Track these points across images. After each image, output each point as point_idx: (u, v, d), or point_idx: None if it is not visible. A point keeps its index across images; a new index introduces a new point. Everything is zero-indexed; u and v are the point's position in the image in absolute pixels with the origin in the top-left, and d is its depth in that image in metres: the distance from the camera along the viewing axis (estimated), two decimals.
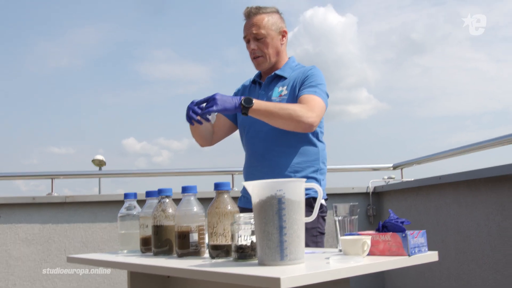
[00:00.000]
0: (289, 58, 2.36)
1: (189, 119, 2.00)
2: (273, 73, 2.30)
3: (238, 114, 2.37)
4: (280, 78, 2.28)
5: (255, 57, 2.28)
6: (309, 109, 2.04)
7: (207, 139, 2.38)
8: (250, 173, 2.27)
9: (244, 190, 2.35)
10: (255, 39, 2.25)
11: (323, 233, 2.19)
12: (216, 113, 2.10)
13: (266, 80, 2.32)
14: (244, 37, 2.29)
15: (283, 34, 2.31)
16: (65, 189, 4.08)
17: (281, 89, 2.23)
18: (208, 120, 2.00)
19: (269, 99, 2.23)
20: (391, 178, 4.44)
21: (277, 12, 2.32)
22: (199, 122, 2.00)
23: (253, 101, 1.99)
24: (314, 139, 2.22)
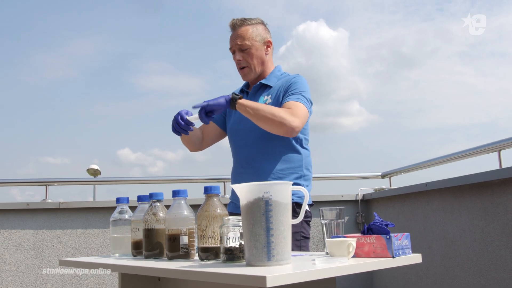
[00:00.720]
0: (275, 67, 2.41)
1: (175, 130, 2.08)
2: (258, 83, 2.35)
3: (227, 121, 2.42)
4: (266, 87, 2.33)
5: (240, 68, 2.33)
6: (292, 114, 2.09)
7: (196, 145, 2.43)
8: (236, 179, 2.32)
9: (233, 196, 2.39)
10: (240, 50, 2.30)
11: (307, 238, 2.22)
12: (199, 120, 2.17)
13: (252, 89, 2.37)
14: (230, 48, 2.35)
15: (268, 44, 2.36)
16: (59, 198, 4.08)
17: (266, 98, 2.28)
18: (191, 129, 2.08)
19: None
20: (381, 188, 4.48)
21: (262, 23, 2.37)
22: (186, 133, 2.08)
23: (242, 97, 2.08)
24: (298, 146, 2.26)
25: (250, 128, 2.21)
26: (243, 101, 2.08)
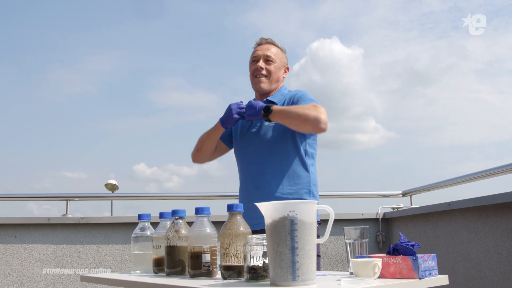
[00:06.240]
0: (281, 86, 2.52)
1: (234, 116, 2.27)
2: (265, 99, 2.44)
3: (234, 139, 2.50)
4: (272, 104, 2.38)
5: (260, 75, 2.42)
6: (316, 109, 2.19)
7: (209, 155, 2.51)
8: (243, 196, 2.38)
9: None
10: (265, 60, 2.43)
11: (318, 256, 2.24)
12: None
13: None
14: (255, 57, 2.45)
15: (286, 70, 2.53)
16: (77, 213, 4.11)
17: None
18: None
19: (261, 123, 2.37)
20: (399, 207, 4.43)
21: (285, 51, 2.55)
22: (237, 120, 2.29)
23: (271, 107, 2.20)
24: (307, 163, 2.32)
25: (258, 144, 2.32)
26: (274, 110, 2.20)
